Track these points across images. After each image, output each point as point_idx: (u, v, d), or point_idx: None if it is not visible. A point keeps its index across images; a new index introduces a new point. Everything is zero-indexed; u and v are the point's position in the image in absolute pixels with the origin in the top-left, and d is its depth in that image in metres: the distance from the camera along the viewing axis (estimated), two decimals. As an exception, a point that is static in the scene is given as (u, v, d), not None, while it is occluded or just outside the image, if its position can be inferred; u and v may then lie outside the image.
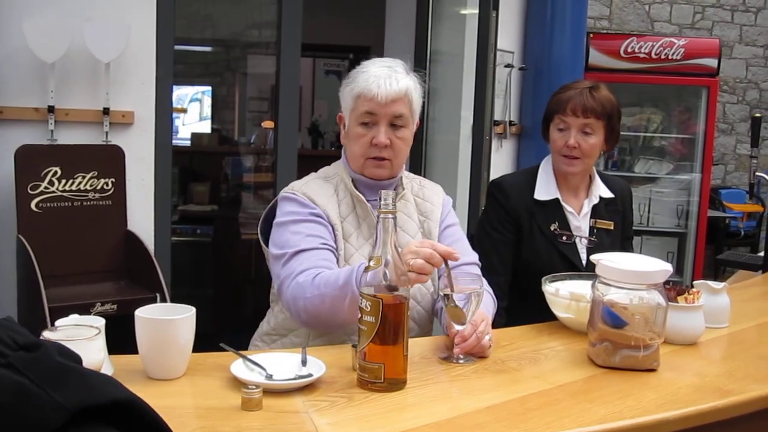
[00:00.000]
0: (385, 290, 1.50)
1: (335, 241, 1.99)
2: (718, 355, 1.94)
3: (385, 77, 1.98)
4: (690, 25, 7.66)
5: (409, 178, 2.20)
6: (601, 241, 2.43)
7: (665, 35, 6.50)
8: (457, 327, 1.71)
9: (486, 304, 1.92)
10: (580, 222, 2.44)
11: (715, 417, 1.51)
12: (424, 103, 2.15)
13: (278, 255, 1.95)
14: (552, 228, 2.40)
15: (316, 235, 1.95)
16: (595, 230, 2.44)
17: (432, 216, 2.15)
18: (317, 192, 2.04)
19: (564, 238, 2.40)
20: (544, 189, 2.44)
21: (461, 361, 1.70)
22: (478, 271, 2.05)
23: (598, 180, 2.49)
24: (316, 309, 1.79)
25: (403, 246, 1.83)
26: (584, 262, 2.40)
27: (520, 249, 2.43)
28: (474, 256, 2.16)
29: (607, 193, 2.49)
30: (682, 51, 5.67)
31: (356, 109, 2.01)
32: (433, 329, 2.12)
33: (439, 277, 1.92)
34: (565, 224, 2.42)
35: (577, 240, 2.42)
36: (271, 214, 2.12)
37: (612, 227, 2.47)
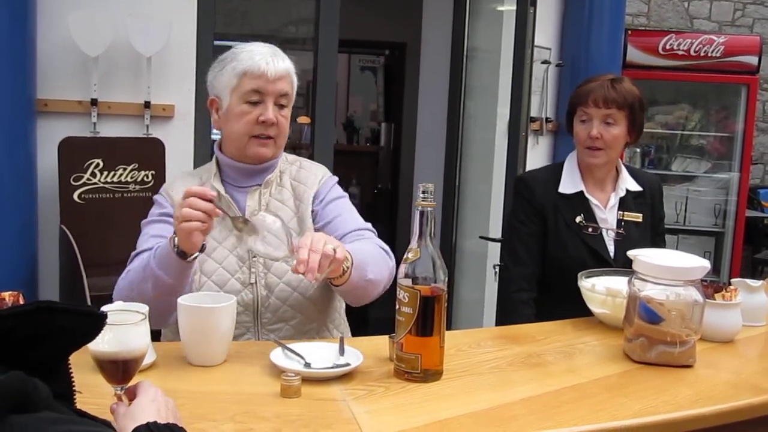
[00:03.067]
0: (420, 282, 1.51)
1: None
2: (755, 353, 1.93)
3: (271, 55, 1.97)
4: (730, 22, 7.56)
5: (289, 162, 2.13)
6: (629, 234, 2.42)
7: (704, 32, 6.43)
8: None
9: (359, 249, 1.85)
10: (607, 215, 2.44)
11: (751, 414, 1.51)
12: (460, 99, 2.12)
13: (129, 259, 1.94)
14: (577, 221, 2.41)
15: (158, 236, 1.91)
16: (623, 222, 2.44)
17: (304, 198, 2.06)
18: (178, 188, 1.97)
19: (590, 230, 2.40)
20: (569, 182, 2.46)
21: (319, 279, 1.61)
22: (367, 235, 2.00)
23: (625, 173, 2.49)
24: (129, 299, 1.70)
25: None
26: (612, 254, 2.40)
27: (546, 243, 2.44)
28: (362, 224, 2.06)
29: (635, 186, 2.49)
30: (722, 48, 5.61)
31: (240, 87, 1.95)
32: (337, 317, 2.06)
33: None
34: (591, 217, 2.42)
35: (604, 232, 2.42)
36: None
37: (641, 219, 2.46)
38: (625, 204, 2.46)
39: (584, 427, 1.34)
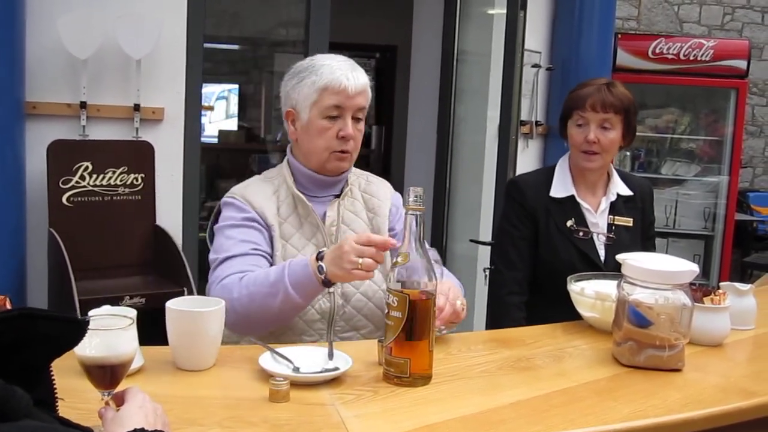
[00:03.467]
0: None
1: (271, 243, 1.97)
2: (744, 356, 1.93)
3: (350, 69, 1.98)
4: (719, 26, 7.60)
5: (356, 175, 2.17)
6: (619, 238, 2.42)
7: (694, 36, 6.46)
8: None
9: (449, 277, 1.99)
10: (597, 219, 2.45)
11: (740, 418, 1.51)
12: (450, 102, 2.15)
13: (211, 260, 1.95)
14: (568, 224, 2.41)
15: (248, 240, 1.93)
16: (613, 227, 2.44)
17: (380, 212, 2.12)
18: (255, 193, 2.01)
19: (581, 234, 2.41)
20: (561, 186, 2.46)
21: (444, 332, 1.74)
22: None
23: (616, 177, 2.50)
24: (245, 309, 1.77)
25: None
26: (603, 258, 2.41)
27: (537, 247, 2.44)
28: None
29: (626, 191, 2.49)
30: (711, 52, 5.63)
31: (321, 102, 1.96)
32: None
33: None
34: (581, 221, 2.43)
35: (595, 236, 2.42)
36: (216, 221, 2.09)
37: (631, 224, 2.47)
38: (615, 208, 2.46)
39: (573, 431, 1.34)
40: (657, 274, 1.70)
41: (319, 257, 1.74)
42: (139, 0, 3.44)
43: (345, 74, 1.95)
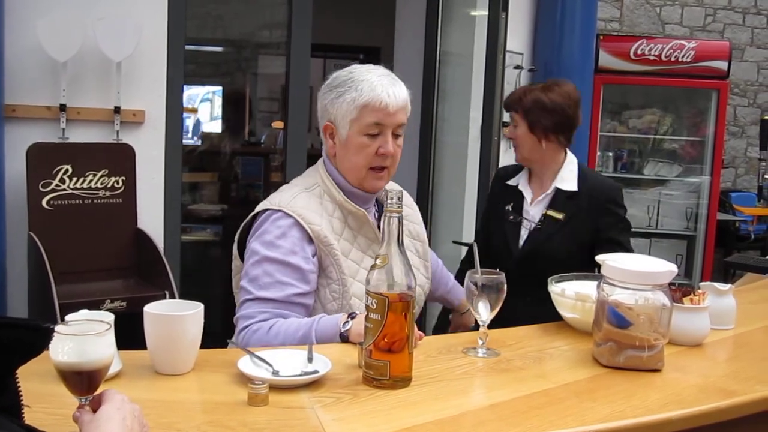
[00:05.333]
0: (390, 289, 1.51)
1: (333, 259, 1.92)
2: (723, 356, 1.94)
3: (390, 85, 1.95)
4: (701, 27, 7.65)
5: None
6: (545, 230, 2.59)
7: (675, 38, 6.49)
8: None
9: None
10: (531, 208, 2.65)
11: (719, 417, 1.52)
12: (432, 104, 2.16)
13: (245, 289, 1.90)
14: (506, 208, 2.66)
15: (288, 283, 1.87)
16: (542, 217, 2.60)
17: (414, 218, 2.22)
18: (307, 208, 1.95)
19: (510, 217, 2.64)
20: (519, 176, 2.74)
21: (482, 355, 1.75)
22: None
23: (564, 173, 2.64)
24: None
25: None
26: (520, 244, 2.61)
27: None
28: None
29: (570, 187, 2.62)
30: (692, 53, 5.66)
31: (361, 119, 1.93)
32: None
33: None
34: (518, 208, 2.67)
35: (524, 223, 2.63)
36: (249, 228, 2.02)
37: (561, 218, 2.58)
38: (555, 201, 2.61)
39: (552, 433, 1.35)
40: (636, 274, 1.70)
41: (351, 316, 1.79)
42: (119, 2, 3.41)
43: (386, 90, 1.93)
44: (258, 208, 2.01)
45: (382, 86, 1.93)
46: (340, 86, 1.98)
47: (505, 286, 1.77)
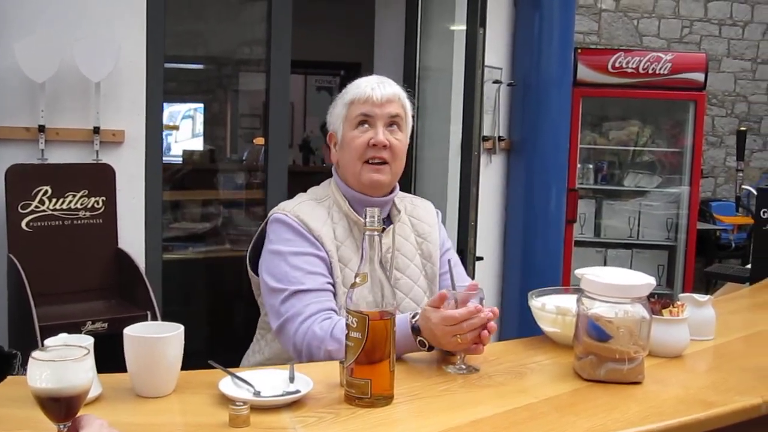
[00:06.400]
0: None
1: (331, 269, 1.97)
2: (703, 367, 1.95)
3: (378, 82, 2.02)
4: (678, 39, 7.72)
5: (400, 197, 2.18)
6: None
7: (653, 50, 6.55)
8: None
9: None
10: None
11: (700, 428, 1.52)
12: (413, 119, 2.17)
13: (276, 289, 1.92)
14: None
15: (318, 273, 1.93)
16: None
17: (431, 238, 2.16)
18: (310, 215, 2.00)
19: None
20: None
21: (462, 372, 1.74)
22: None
23: None
24: (331, 354, 1.81)
25: (402, 269, 2.01)
26: None
27: None
28: (467, 277, 2.21)
29: None
30: (670, 65, 5.71)
31: (350, 115, 2.00)
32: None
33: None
34: None
35: None
36: (260, 241, 2.07)
37: None
38: None
39: (534, 448, 1.35)
40: (615, 288, 1.71)
41: (414, 329, 1.76)
42: (97, 22, 3.41)
43: (370, 85, 2.00)
44: (269, 215, 2.07)
45: (367, 83, 2.02)
46: (338, 98, 2.08)
47: (484, 301, 1.77)
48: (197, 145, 7.70)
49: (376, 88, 1.99)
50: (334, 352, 1.81)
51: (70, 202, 3.29)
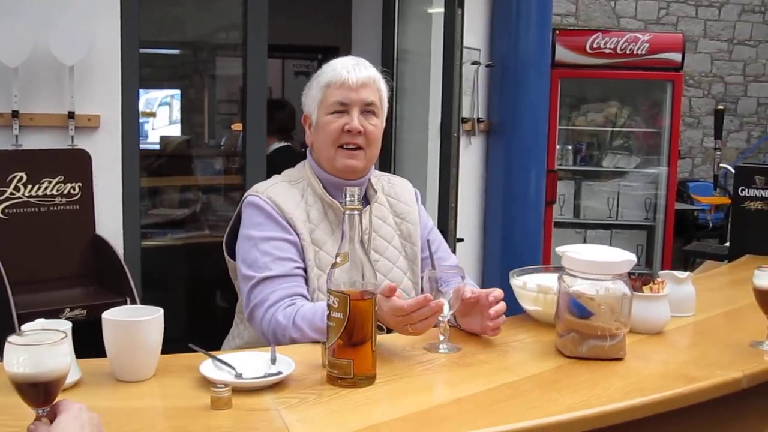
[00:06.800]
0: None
1: (303, 252, 1.96)
2: (684, 343, 1.96)
3: (353, 65, 2.00)
4: (655, 20, 7.75)
5: (377, 176, 2.17)
6: None
7: (630, 31, 6.57)
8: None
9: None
10: None
11: (681, 403, 1.54)
12: (392, 102, 2.15)
13: (247, 276, 1.92)
14: None
15: (287, 258, 1.92)
16: None
17: (410, 218, 2.14)
18: (283, 197, 1.99)
19: None
20: None
21: (443, 351, 1.73)
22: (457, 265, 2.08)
23: None
24: (295, 341, 1.81)
25: (381, 251, 1.99)
26: None
27: None
28: (454, 259, 2.21)
29: None
30: (647, 46, 5.73)
31: (326, 100, 1.99)
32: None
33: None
34: None
35: None
36: (237, 224, 2.06)
37: None
38: None
39: (517, 425, 1.34)
40: (596, 265, 1.72)
41: None
42: (70, 6, 3.36)
43: (346, 68, 1.98)
44: (243, 197, 2.06)
45: (342, 65, 2.00)
46: (313, 78, 2.06)
47: (466, 279, 1.77)
48: (175, 131, 7.63)
49: (351, 71, 1.97)
50: (297, 339, 1.81)
51: (46, 188, 3.25)
